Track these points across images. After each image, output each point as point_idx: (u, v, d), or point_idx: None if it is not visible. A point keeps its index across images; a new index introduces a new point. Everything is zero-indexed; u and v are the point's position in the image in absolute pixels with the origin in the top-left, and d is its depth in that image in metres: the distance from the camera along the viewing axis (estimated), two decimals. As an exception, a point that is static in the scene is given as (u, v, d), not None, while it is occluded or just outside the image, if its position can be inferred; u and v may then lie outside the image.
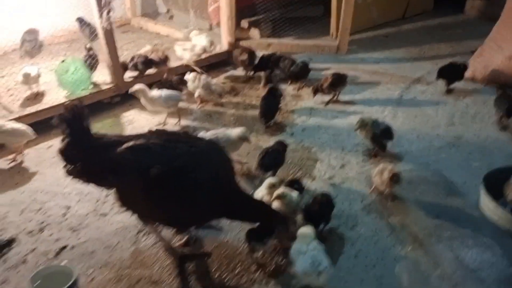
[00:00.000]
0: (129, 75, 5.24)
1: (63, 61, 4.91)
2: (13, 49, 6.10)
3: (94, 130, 2.97)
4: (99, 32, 4.71)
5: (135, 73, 5.30)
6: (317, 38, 6.60)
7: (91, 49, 5.28)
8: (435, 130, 4.62)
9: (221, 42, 6.09)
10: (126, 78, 5.10)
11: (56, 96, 4.86)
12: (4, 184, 3.89)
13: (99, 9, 4.46)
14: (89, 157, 2.83)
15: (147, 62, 5.19)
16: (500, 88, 4.84)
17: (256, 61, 5.65)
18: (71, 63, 4.80)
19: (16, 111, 4.60)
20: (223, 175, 2.92)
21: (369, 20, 7.32)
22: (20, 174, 4.01)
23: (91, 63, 5.13)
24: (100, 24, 4.54)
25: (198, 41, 5.75)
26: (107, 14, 4.44)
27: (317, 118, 4.88)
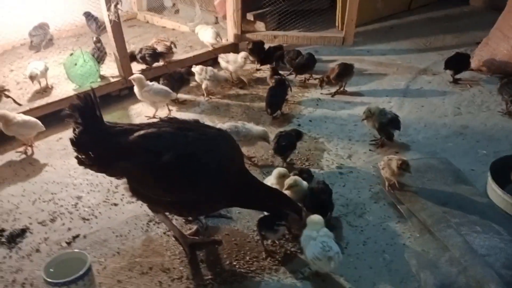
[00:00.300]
0: (137, 68, 5.26)
1: (71, 54, 4.96)
2: (21, 44, 6.17)
3: (104, 121, 3.01)
4: (107, 25, 4.73)
5: (143, 66, 5.32)
6: (323, 30, 6.61)
7: (99, 41, 5.32)
8: (442, 119, 4.63)
9: (227, 35, 6.10)
10: (134, 70, 5.13)
11: (65, 89, 4.90)
12: (15, 175, 3.94)
13: (107, 2, 4.49)
14: (101, 145, 2.87)
15: (155, 55, 5.22)
16: (505, 77, 4.84)
17: (263, 51, 5.73)
18: (80, 56, 4.84)
19: (26, 104, 4.65)
20: (232, 162, 2.96)
21: (374, 12, 7.32)
22: (31, 166, 4.06)
23: (99, 56, 5.17)
24: (108, 16, 4.57)
25: (204, 34, 5.78)
26: (115, 6, 4.47)
27: (324, 109, 4.90)
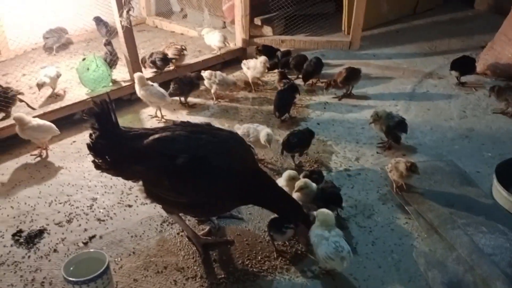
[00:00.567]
0: (149, 71, 5.37)
1: (84, 59, 5.04)
2: (32, 48, 6.28)
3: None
4: (119, 30, 4.84)
5: (154, 70, 5.42)
6: (330, 34, 6.69)
7: (109, 43, 5.41)
8: (448, 122, 4.71)
9: (235, 39, 6.20)
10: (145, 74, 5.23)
11: (78, 93, 5.00)
12: (31, 177, 4.04)
13: (119, 8, 4.60)
14: (118, 149, 2.96)
15: (166, 59, 5.31)
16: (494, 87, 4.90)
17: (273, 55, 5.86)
18: (92, 61, 4.92)
19: (39, 108, 4.75)
20: (244, 164, 3.05)
21: (380, 16, 7.40)
22: (46, 168, 4.16)
23: (112, 60, 5.27)
24: (121, 22, 4.67)
25: (211, 38, 5.87)
26: (127, 13, 4.57)
27: (331, 112, 4.99)
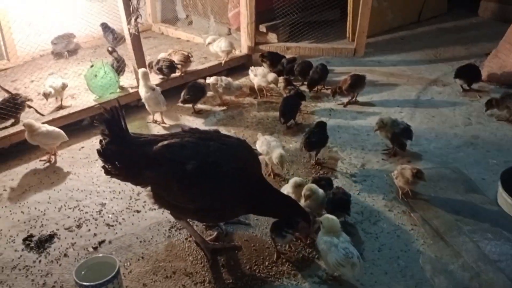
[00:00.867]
0: (156, 78, 5.43)
1: (92, 66, 5.11)
2: (40, 55, 6.34)
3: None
4: (127, 38, 4.91)
5: (160, 77, 5.47)
6: (334, 41, 6.75)
7: (114, 51, 5.48)
8: (453, 129, 4.75)
9: (240, 46, 6.25)
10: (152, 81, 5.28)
11: (86, 99, 5.06)
12: (41, 183, 4.09)
13: (127, 16, 4.66)
14: (127, 155, 3.01)
15: (172, 67, 5.36)
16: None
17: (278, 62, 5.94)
18: (100, 68, 4.98)
19: (47, 114, 4.81)
20: (251, 170, 3.10)
21: (384, 23, 7.46)
22: (56, 174, 4.21)
23: (119, 67, 5.33)
24: (129, 30, 4.73)
25: (217, 44, 5.93)
26: (135, 20, 4.64)
27: (336, 118, 5.03)
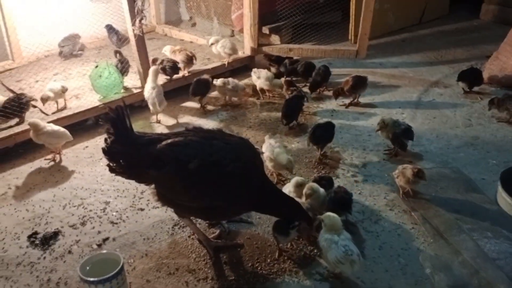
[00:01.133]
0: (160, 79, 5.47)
1: (96, 66, 5.15)
2: (45, 55, 6.40)
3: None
4: (131, 39, 4.96)
5: (164, 77, 5.52)
6: (336, 43, 6.80)
7: (120, 53, 5.54)
8: (454, 130, 4.79)
9: (243, 47, 6.30)
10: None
11: (90, 99, 5.10)
12: (45, 181, 4.14)
13: (132, 17, 4.71)
14: (132, 154, 3.05)
15: (176, 67, 5.42)
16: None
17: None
18: (105, 68, 5.03)
19: (52, 114, 4.87)
20: (254, 169, 3.14)
21: (386, 26, 7.50)
22: (60, 173, 4.26)
23: (123, 67, 5.38)
24: (133, 31, 4.78)
25: (222, 45, 5.97)
26: (139, 21, 4.69)
27: (338, 119, 5.05)
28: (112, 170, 3.13)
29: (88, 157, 4.46)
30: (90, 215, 3.72)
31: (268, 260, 3.23)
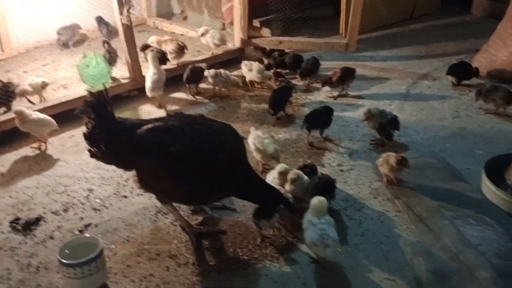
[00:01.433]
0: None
1: (84, 56, 5.15)
2: (35, 47, 6.39)
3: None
4: (119, 28, 4.95)
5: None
6: (327, 37, 6.78)
7: (108, 43, 5.53)
8: (441, 121, 4.79)
9: (234, 40, 6.29)
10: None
11: (77, 89, 5.09)
12: (30, 169, 4.12)
13: (119, 6, 4.69)
14: (113, 139, 3.03)
15: (164, 58, 5.41)
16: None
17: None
18: (92, 58, 5.03)
19: (39, 103, 4.85)
20: (236, 155, 3.13)
21: (377, 20, 7.48)
22: (45, 161, 4.25)
23: (111, 58, 5.36)
24: (121, 20, 4.77)
25: (211, 36, 5.99)
26: (127, 11, 4.67)
27: (326, 111, 5.05)
28: (93, 155, 3.11)
29: (74, 146, 4.44)
30: (73, 202, 3.70)
31: (250, 246, 3.23)
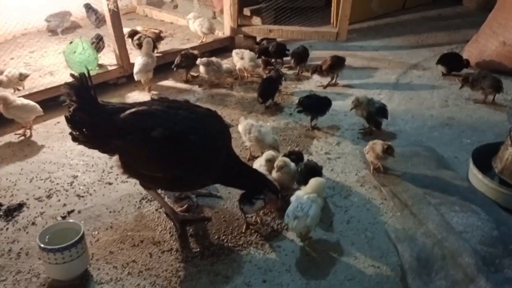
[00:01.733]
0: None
1: (71, 42, 5.10)
2: (22, 33, 6.32)
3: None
4: (106, 14, 4.88)
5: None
6: (318, 27, 6.74)
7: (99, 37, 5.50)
8: (430, 111, 4.77)
9: (223, 28, 6.24)
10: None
11: (64, 76, 5.01)
12: (14, 155, 4.07)
13: (106, -9, 4.64)
14: (95, 122, 2.98)
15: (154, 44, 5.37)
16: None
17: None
18: (79, 44, 4.96)
19: (25, 89, 4.79)
20: (220, 141, 3.09)
21: (369, 11, 7.46)
22: (29, 147, 4.19)
23: (98, 44, 5.30)
24: (108, 6, 4.71)
25: (199, 24, 5.94)
26: (114, -4, 4.62)
27: (315, 99, 5.02)
28: (75, 139, 3.05)
29: (59, 133, 4.39)
30: (56, 188, 3.66)
31: (235, 233, 3.20)
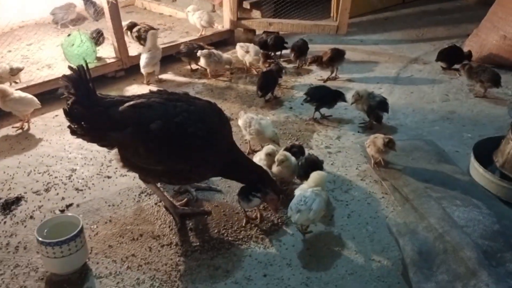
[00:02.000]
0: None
1: (69, 35, 5.06)
2: (20, 26, 6.28)
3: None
4: (105, 6, 4.83)
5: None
6: (318, 20, 6.70)
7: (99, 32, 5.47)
8: (430, 105, 4.74)
9: (223, 21, 6.19)
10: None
11: (62, 69, 4.96)
12: (12, 148, 4.04)
13: (104, -16, 4.60)
14: (93, 115, 2.95)
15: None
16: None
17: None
18: (77, 36, 4.93)
19: (23, 82, 4.75)
20: (220, 134, 3.07)
21: (369, 5, 7.41)
22: (27, 140, 4.16)
23: (97, 37, 5.26)
24: (106, -1, 4.68)
25: (198, 17, 5.90)
26: (112, -13, 4.58)
27: (315, 93, 4.98)
28: (73, 132, 3.03)
29: (57, 126, 4.35)
30: (55, 181, 3.63)
31: (235, 227, 3.18)
